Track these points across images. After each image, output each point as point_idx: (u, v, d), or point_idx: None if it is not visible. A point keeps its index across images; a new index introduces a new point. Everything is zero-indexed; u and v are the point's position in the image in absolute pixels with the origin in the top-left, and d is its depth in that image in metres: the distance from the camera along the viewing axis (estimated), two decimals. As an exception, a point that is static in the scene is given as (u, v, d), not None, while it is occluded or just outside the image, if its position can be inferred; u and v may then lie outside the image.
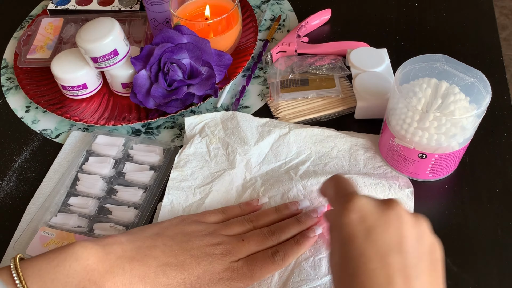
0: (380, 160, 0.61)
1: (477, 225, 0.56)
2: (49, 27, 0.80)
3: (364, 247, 0.39)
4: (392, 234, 0.40)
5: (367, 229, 0.40)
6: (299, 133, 0.63)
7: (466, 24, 0.78)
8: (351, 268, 0.39)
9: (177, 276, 0.48)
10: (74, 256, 0.44)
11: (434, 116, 0.52)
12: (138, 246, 0.48)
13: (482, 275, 0.52)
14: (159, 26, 0.75)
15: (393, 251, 0.39)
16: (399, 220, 0.40)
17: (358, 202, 0.41)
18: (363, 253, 0.39)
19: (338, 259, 0.41)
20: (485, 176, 0.60)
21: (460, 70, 0.55)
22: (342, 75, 0.71)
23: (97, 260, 0.45)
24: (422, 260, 0.40)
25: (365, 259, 0.39)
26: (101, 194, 0.60)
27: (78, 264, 0.44)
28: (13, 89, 0.75)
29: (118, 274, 0.45)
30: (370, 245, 0.39)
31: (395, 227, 0.40)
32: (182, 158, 0.62)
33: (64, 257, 0.44)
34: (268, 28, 0.81)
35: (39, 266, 0.43)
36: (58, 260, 0.44)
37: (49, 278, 0.43)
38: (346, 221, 0.41)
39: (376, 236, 0.39)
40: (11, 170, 0.65)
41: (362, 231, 0.40)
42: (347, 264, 0.40)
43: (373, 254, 0.39)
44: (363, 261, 0.39)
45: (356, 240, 0.40)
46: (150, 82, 0.66)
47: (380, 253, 0.39)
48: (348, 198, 0.42)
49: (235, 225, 0.53)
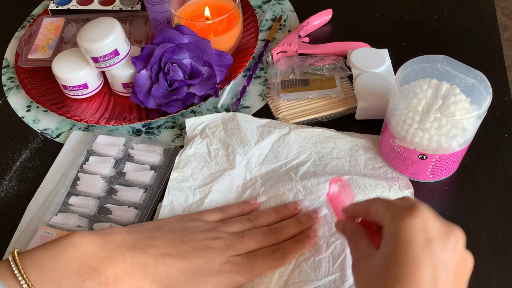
0: (380, 160, 0.61)
1: (477, 225, 0.56)
2: (50, 27, 0.80)
3: (420, 254, 0.39)
4: (446, 253, 0.40)
5: (427, 239, 0.40)
6: (300, 133, 0.63)
7: (468, 25, 0.78)
8: (401, 271, 0.38)
9: (177, 266, 0.48)
10: (73, 244, 0.44)
11: (434, 117, 0.52)
12: (138, 237, 0.48)
13: (482, 275, 0.52)
14: (160, 26, 0.75)
15: (445, 268, 0.39)
16: (456, 244, 0.41)
17: (424, 211, 0.41)
18: (417, 260, 0.39)
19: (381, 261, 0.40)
20: (486, 177, 0.60)
21: (461, 71, 0.55)
22: (343, 75, 0.70)
23: (96, 248, 0.44)
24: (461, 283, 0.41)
25: (418, 266, 0.38)
26: (102, 194, 0.60)
27: (77, 252, 0.44)
28: (14, 89, 0.75)
29: (119, 261, 0.45)
30: (426, 255, 0.39)
31: (451, 248, 0.40)
32: (183, 159, 0.62)
33: (63, 245, 0.44)
34: (269, 28, 0.81)
35: (38, 256, 0.43)
36: (57, 249, 0.43)
37: (49, 267, 0.43)
38: (408, 224, 0.40)
39: (433, 248, 0.39)
40: (11, 170, 0.65)
41: (422, 239, 0.39)
42: (396, 266, 0.39)
43: (427, 264, 0.39)
44: (415, 267, 0.38)
45: (414, 245, 0.39)
46: (150, 82, 0.66)
47: (433, 265, 0.39)
48: (412, 205, 0.42)
49: (234, 223, 0.54)
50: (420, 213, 0.41)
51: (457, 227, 0.42)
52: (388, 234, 0.41)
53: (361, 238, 0.45)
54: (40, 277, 0.42)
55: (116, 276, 0.44)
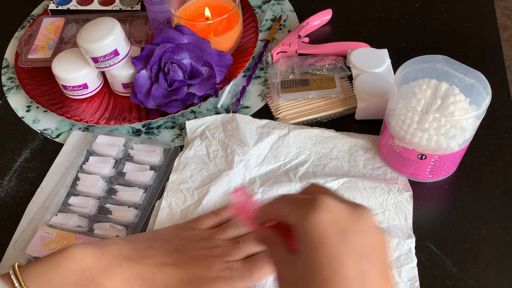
0: (379, 160, 0.61)
1: (477, 225, 0.56)
2: (50, 27, 0.80)
3: (339, 251, 0.36)
4: (362, 239, 0.37)
5: (340, 231, 0.37)
6: (299, 134, 0.63)
7: (467, 25, 0.78)
8: (324, 274, 0.36)
9: (175, 275, 0.48)
10: (70, 256, 0.44)
11: (433, 117, 0.52)
12: (135, 247, 0.48)
13: (482, 275, 0.52)
14: (160, 26, 0.75)
15: (366, 257, 0.37)
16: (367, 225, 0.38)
17: (327, 201, 0.38)
18: (338, 258, 0.36)
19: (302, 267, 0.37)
20: (485, 177, 0.60)
21: (460, 71, 0.55)
22: (342, 75, 0.70)
23: (94, 259, 0.45)
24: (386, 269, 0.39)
25: (340, 265, 0.36)
26: (101, 194, 0.60)
27: (74, 264, 0.44)
28: (14, 89, 0.76)
29: (116, 272, 0.45)
30: (345, 250, 0.36)
31: (364, 232, 0.38)
32: (182, 161, 0.62)
33: (60, 258, 0.44)
34: (269, 28, 0.81)
35: (36, 269, 0.43)
36: (55, 262, 0.44)
37: (47, 280, 0.43)
38: (315, 221, 0.37)
39: (349, 240, 0.37)
40: (11, 170, 0.65)
41: (335, 234, 0.37)
42: (318, 270, 0.36)
43: (348, 259, 0.36)
44: (338, 267, 0.36)
45: (330, 242, 0.36)
46: (150, 82, 0.66)
47: (355, 259, 0.36)
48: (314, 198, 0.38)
49: (230, 228, 0.53)
50: (323, 205, 0.37)
51: (363, 207, 0.39)
52: (300, 236, 0.38)
53: (276, 245, 0.42)
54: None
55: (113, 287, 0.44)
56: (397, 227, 0.55)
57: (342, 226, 0.37)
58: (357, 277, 0.36)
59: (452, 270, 0.52)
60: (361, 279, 0.36)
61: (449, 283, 0.51)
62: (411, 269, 0.52)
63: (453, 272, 0.52)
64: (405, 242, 0.53)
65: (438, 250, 0.54)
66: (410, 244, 0.53)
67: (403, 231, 0.54)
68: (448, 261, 0.53)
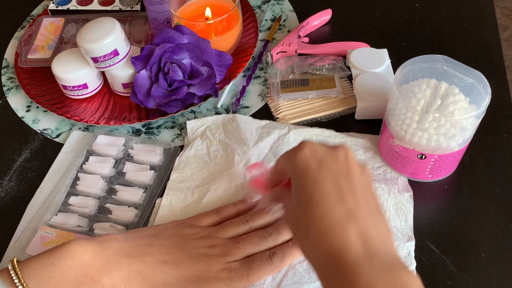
0: (379, 160, 0.61)
1: (477, 225, 0.56)
2: (50, 27, 0.80)
3: (318, 174, 0.43)
4: (340, 165, 0.44)
5: (318, 160, 0.44)
6: (299, 133, 0.63)
7: (467, 25, 0.78)
8: (308, 194, 0.43)
9: (174, 274, 0.48)
10: (69, 254, 0.44)
11: (433, 117, 0.52)
12: (135, 243, 0.48)
13: (482, 275, 0.52)
14: (160, 26, 0.75)
15: (343, 177, 0.43)
16: (345, 155, 0.45)
17: (308, 143, 0.46)
18: (317, 179, 0.43)
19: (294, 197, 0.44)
20: (485, 177, 0.60)
21: (459, 71, 0.55)
22: (342, 75, 0.71)
23: (93, 256, 0.45)
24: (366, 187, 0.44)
25: (320, 183, 0.43)
26: (101, 194, 0.60)
27: (73, 261, 0.44)
28: (14, 89, 0.76)
29: (116, 269, 0.45)
30: (323, 172, 0.43)
31: (342, 160, 0.45)
32: (182, 160, 0.62)
33: (59, 255, 0.44)
34: (269, 28, 0.81)
35: (34, 266, 0.43)
36: (54, 259, 0.44)
37: (45, 277, 0.43)
38: (299, 158, 0.45)
39: (327, 165, 0.44)
40: (11, 170, 0.65)
41: (315, 162, 0.44)
42: (304, 191, 0.43)
43: (327, 179, 0.43)
44: (318, 185, 0.43)
45: (310, 169, 0.44)
46: (150, 82, 0.66)
47: (332, 178, 0.43)
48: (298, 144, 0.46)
49: (230, 227, 0.53)
50: (305, 145, 0.45)
51: (341, 145, 0.46)
52: (291, 174, 0.46)
53: (286, 195, 0.48)
54: (37, 287, 0.42)
55: (112, 285, 0.44)
56: (397, 229, 0.55)
57: (320, 156, 0.45)
58: (336, 192, 0.42)
59: (452, 270, 0.52)
60: (340, 193, 0.42)
61: (449, 283, 0.51)
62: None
63: (453, 272, 0.52)
64: (404, 245, 0.53)
65: (438, 250, 0.54)
66: (409, 247, 0.53)
67: (403, 233, 0.54)
68: (448, 261, 0.53)
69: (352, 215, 0.41)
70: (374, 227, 0.41)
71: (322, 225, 0.41)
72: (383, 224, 0.43)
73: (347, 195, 0.42)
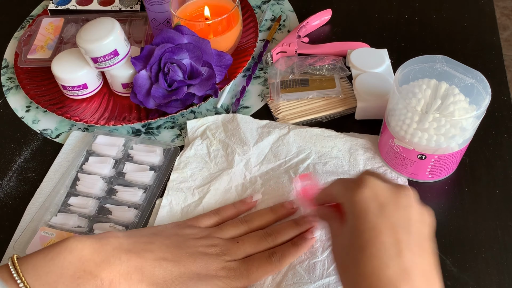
0: (379, 160, 0.61)
1: (477, 226, 0.56)
2: (50, 27, 0.80)
3: (377, 221, 0.41)
4: (402, 212, 0.42)
5: (379, 205, 0.42)
6: (299, 133, 0.63)
7: (467, 25, 0.78)
8: (363, 240, 0.41)
9: (174, 271, 0.48)
10: (68, 249, 0.44)
11: (433, 117, 0.52)
12: (135, 241, 0.48)
13: (482, 276, 0.52)
14: (160, 26, 0.75)
15: (403, 227, 0.41)
16: (408, 202, 0.43)
17: (370, 181, 0.44)
18: (375, 227, 0.41)
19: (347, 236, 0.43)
20: (485, 177, 0.60)
21: (459, 71, 0.55)
22: (342, 75, 0.71)
23: (92, 251, 0.45)
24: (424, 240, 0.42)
25: (377, 232, 0.41)
26: (101, 194, 0.60)
27: (72, 256, 0.44)
28: (14, 89, 0.76)
29: (115, 264, 0.45)
30: (382, 220, 0.41)
31: (404, 207, 0.42)
32: (183, 160, 0.62)
33: (59, 250, 0.44)
34: (269, 28, 0.81)
35: (33, 262, 0.43)
36: (53, 254, 0.44)
37: (44, 271, 0.43)
38: (359, 197, 0.43)
39: (388, 212, 0.42)
40: (11, 170, 0.65)
41: (375, 207, 0.42)
42: (359, 237, 0.41)
43: (385, 228, 0.41)
44: (375, 234, 0.41)
45: (370, 214, 0.42)
46: (150, 82, 0.66)
47: (391, 228, 0.41)
48: (360, 178, 0.44)
49: (230, 227, 0.53)
50: (367, 183, 0.43)
51: (406, 187, 0.44)
52: (347, 210, 0.44)
53: (332, 220, 0.47)
54: (36, 281, 0.43)
55: (112, 279, 0.44)
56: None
57: (382, 200, 0.42)
58: (392, 244, 0.40)
59: (452, 270, 0.52)
60: (396, 246, 0.40)
61: (449, 283, 0.51)
62: None
63: (453, 272, 0.52)
64: None
65: (438, 250, 0.54)
66: None
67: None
68: (448, 261, 0.53)
69: (407, 274, 0.39)
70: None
71: (374, 281, 0.39)
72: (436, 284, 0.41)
73: (404, 250, 0.40)
